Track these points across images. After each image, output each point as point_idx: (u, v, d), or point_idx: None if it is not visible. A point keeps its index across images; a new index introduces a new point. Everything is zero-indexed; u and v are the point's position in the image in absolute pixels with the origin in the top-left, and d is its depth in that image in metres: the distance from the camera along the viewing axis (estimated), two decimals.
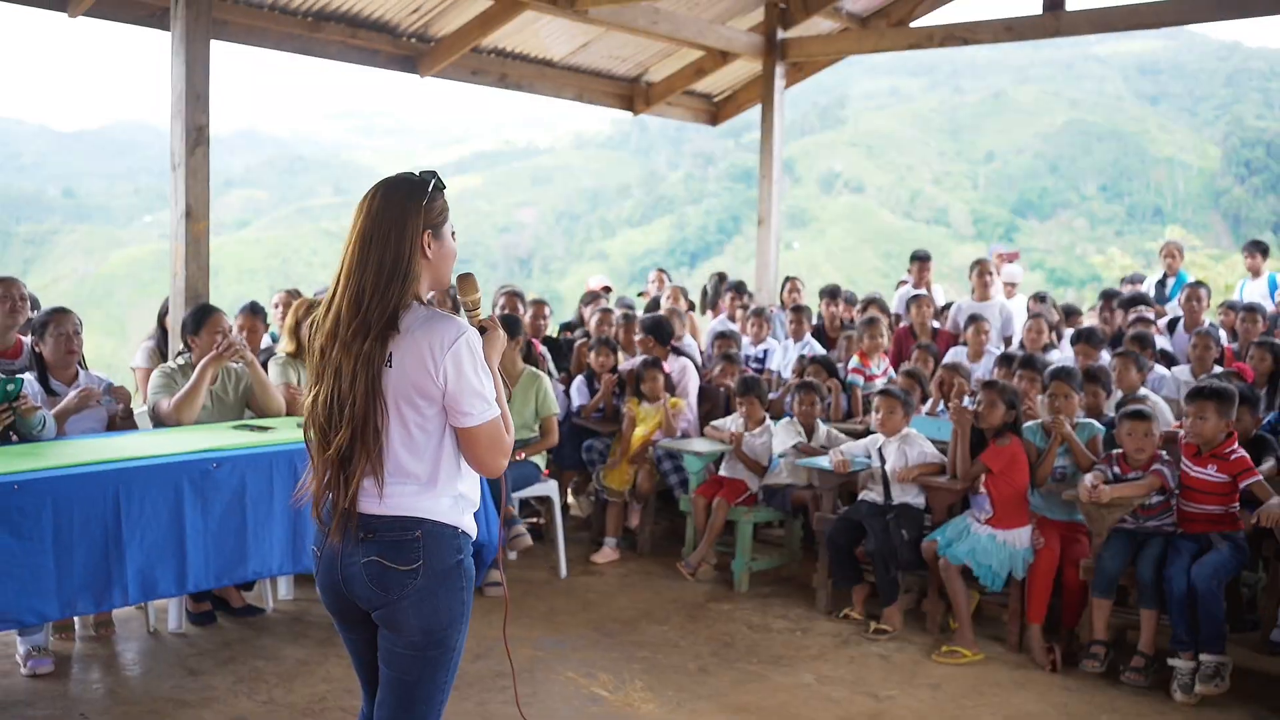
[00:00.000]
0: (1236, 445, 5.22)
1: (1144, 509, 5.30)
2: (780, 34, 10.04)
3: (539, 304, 8.57)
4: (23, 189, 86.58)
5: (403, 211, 2.75)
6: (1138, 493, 5.25)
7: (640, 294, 11.44)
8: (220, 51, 7.74)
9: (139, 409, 6.02)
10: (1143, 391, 6.60)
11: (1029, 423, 5.93)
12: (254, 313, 6.61)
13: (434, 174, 2.85)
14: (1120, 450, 5.43)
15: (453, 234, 2.87)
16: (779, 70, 10.11)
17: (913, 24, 10.20)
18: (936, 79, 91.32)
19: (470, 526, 2.91)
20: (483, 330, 2.90)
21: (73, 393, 5.34)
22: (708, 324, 9.84)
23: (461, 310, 3.15)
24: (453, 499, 2.84)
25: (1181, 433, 5.48)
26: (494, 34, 9.12)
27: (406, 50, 9.15)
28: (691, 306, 9.72)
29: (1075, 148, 79.76)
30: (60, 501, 4.35)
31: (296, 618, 5.84)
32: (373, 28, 8.79)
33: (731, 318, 9.33)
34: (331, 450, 2.75)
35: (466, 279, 3.06)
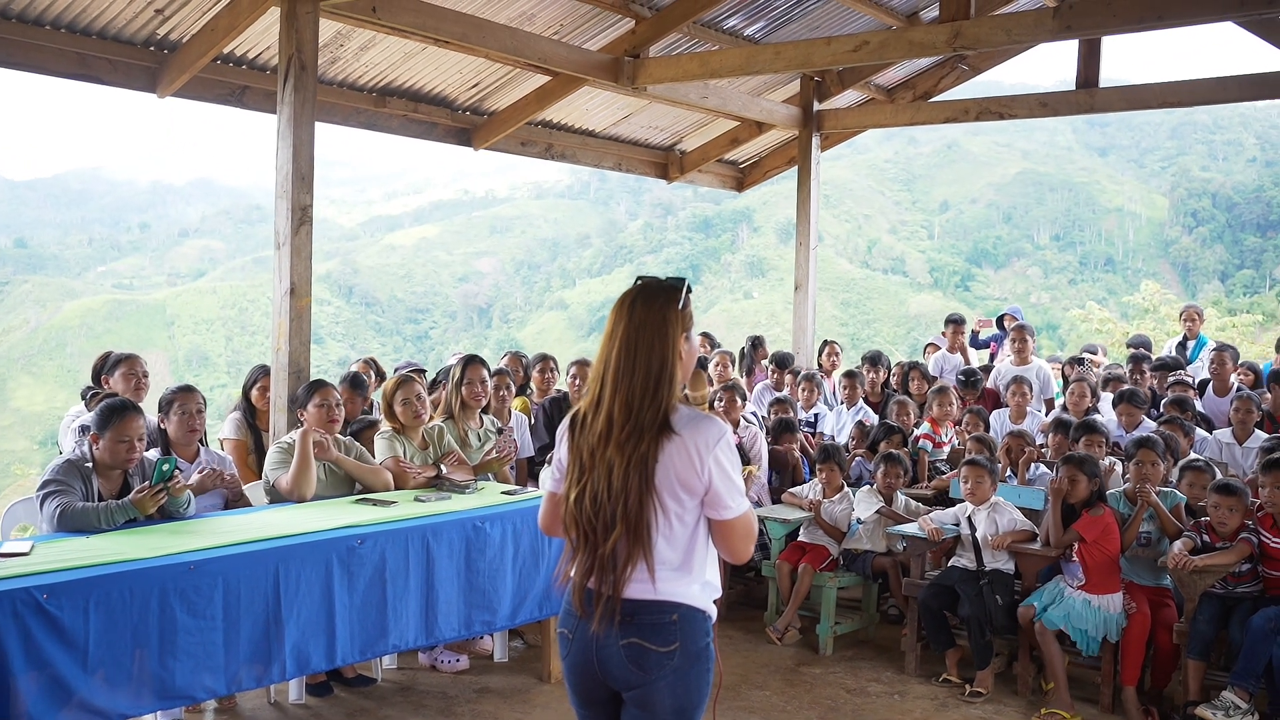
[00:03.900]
0: None
1: (1234, 576, 5.57)
2: (816, 105, 10.38)
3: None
4: None
5: (664, 319, 2.93)
6: (1228, 561, 5.52)
7: None
8: (176, 104, 7.94)
9: (247, 485, 6.14)
10: (1194, 456, 6.87)
11: (1111, 491, 6.19)
12: (354, 386, 6.70)
13: (684, 280, 3.04)
14: (1208, 519, 5.71)
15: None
16: (815, 140, 10.43)
17: (951, 98, 10.56)
18: (891, 130, 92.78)
19: (714, 611, 3.09)
20: None
21: (196, 474, 5.46)
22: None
23: (689, 404, 3.34)
24: (702, 585, 3.01)
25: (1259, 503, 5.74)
26: (548, 108, 9.35)
27: (462, 123, 9.39)
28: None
29: (1028, 198, 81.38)
30: (229, 580, 4.50)
31: (407, 687, 5.96)
32: (432, 102, 9.03)
33: (777, 387, 9.45)
34: (605, 546, 2.91)
35: (697, 375, 3.25)
